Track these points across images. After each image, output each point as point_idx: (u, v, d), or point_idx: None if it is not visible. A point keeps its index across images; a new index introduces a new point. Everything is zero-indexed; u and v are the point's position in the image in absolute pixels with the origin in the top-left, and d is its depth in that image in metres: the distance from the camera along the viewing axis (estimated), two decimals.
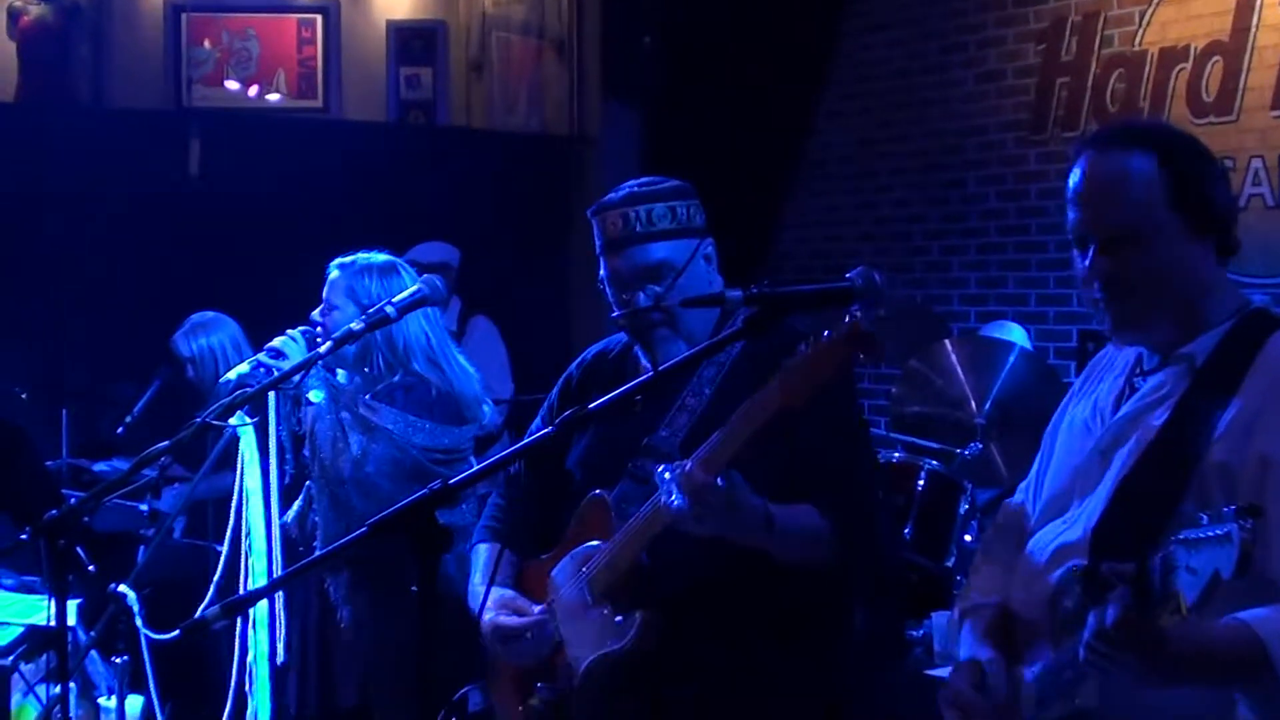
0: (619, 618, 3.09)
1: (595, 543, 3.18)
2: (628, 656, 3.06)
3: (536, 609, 3.28)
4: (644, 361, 3.36)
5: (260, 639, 4.14)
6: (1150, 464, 2.44)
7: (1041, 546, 2.56)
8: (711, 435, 2.82)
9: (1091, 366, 2.78)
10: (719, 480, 2.79)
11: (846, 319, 2.58)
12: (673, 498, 2.81)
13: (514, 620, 3.28)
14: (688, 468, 2.81)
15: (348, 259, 4.47)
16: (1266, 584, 2.22)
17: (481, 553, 3.55)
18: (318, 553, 2.68)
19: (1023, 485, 2.83)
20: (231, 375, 4.22)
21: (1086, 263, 2.52)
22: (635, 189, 3.43)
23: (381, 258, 4.48)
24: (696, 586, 3.07)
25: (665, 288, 3.23)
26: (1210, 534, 2.00)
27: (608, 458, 3.30)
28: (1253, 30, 6.22)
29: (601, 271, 3.39)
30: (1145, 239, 2.47)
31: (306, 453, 4.30)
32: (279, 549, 4.20)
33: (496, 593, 3.34)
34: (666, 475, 2.84)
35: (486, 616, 3.29)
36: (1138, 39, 6.70)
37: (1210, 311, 2.51)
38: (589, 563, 3.17)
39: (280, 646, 4.19)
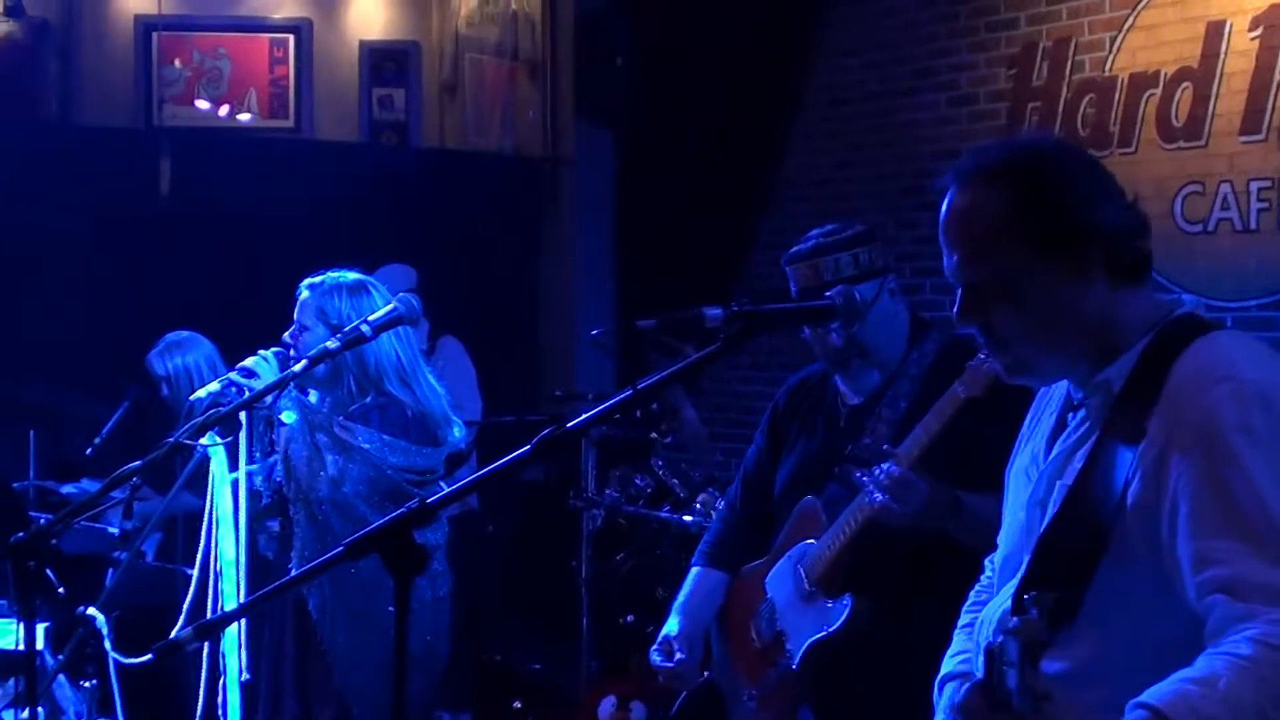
0: (830, 604, 3.53)
1: (810, 542, 3.64)
2: (841, 638, 3.48)
3: (676, 657, 3.82)
4: (843, 388, 3.78)
5: (231, 660, 4.11)
6: (1068, 515, 2.25)
7: (990, 614, 2.42)
8: (906, 437, 3.31)
9: (1037, 402, 2.56)
10: (914, 476, 3.25)
11: None
12: (875, 495, 3.28)
13: (659, 662, 3.86)
14: (886, 467, 3.27)
15: (317, 279, 4.45)
16: (1196, 620, 2.10)
17: (690, 577, 4.04)
18: (294, 573, 2.67)
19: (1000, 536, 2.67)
20: (202, 393, 4.21)
21: (954, 313, 2.34)
22: (820, 240, 3.71)
23: (352, 277, 4.46)
24: (897, 571, 3.46)
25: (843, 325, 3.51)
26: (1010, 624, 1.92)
27: (812, 471, 3.75)
28: (1221, 57, 6.24)
29: None
30: (1004, 286, 2.27)
31: (280, 475, 4.27)
32: (244, 571, 4.17)
33: (675, 622, 3.90)
34: (865, 478, 3.32)
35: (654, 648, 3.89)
36: (1108, 64, 6.72)
37: (1123, 334, 2.29)
38: (804, 559, 3.64)
39: (243, 664, 4.16)
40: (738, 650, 3.90)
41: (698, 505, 6.09)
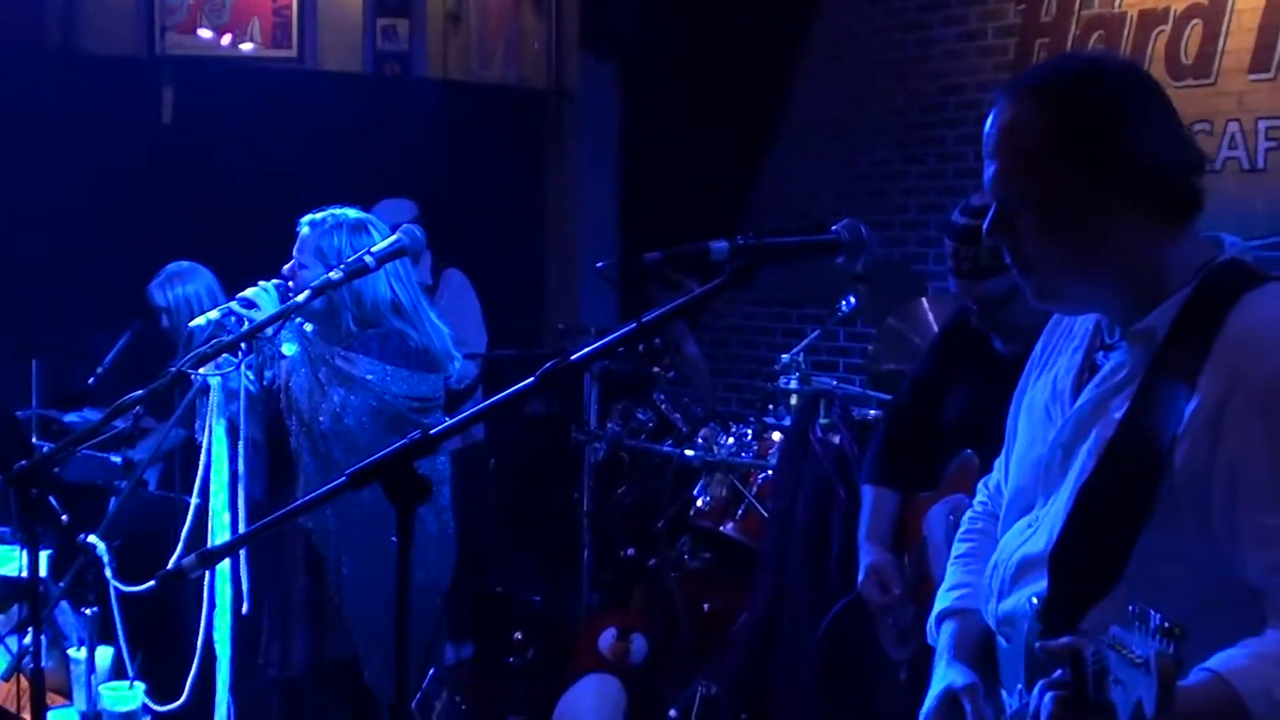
0: None
1: (963, 496, 3.59)
2: None
3: (894, 592, 3.89)
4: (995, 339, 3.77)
5: (223, 591, 4.12)
6: (1111, 469, 2.15)
7: (1007, 556, 2.34)
8: None
9: (1049, 332, 2.49)
10: None
11: None
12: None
13: (878, 597, 3.91)
14: None
15: (319, 215, 4.42)
16: (1251, 592, 2.05)
17: (867, 495, 4.09)
18: (297, 501, 2.67)
19: (998, 462, 2.64)
20: (201, 321, 4.19)
21: (985, 228, 2.26)
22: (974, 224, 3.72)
23: (353, 215, 4.43)
24: None
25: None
26: (1134, 653, 1.78)
27: (974, 421, 3.75)
28: None
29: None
30: (1038, 206, 2.18)
31: (283, 405, 4.27)
32: (243, 501, 4.17)
33: (872, 552, 3.97)
34: None
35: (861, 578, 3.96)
36: (1117, 1, 6.68)
37: (1166, 277, 2.18)
38: (958, 512, 3.51)
39: (245, 598, 4.17)
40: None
41: (699, 440, 6.09)
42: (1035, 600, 2.02)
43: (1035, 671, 2.05)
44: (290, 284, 4.31)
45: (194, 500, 4.14)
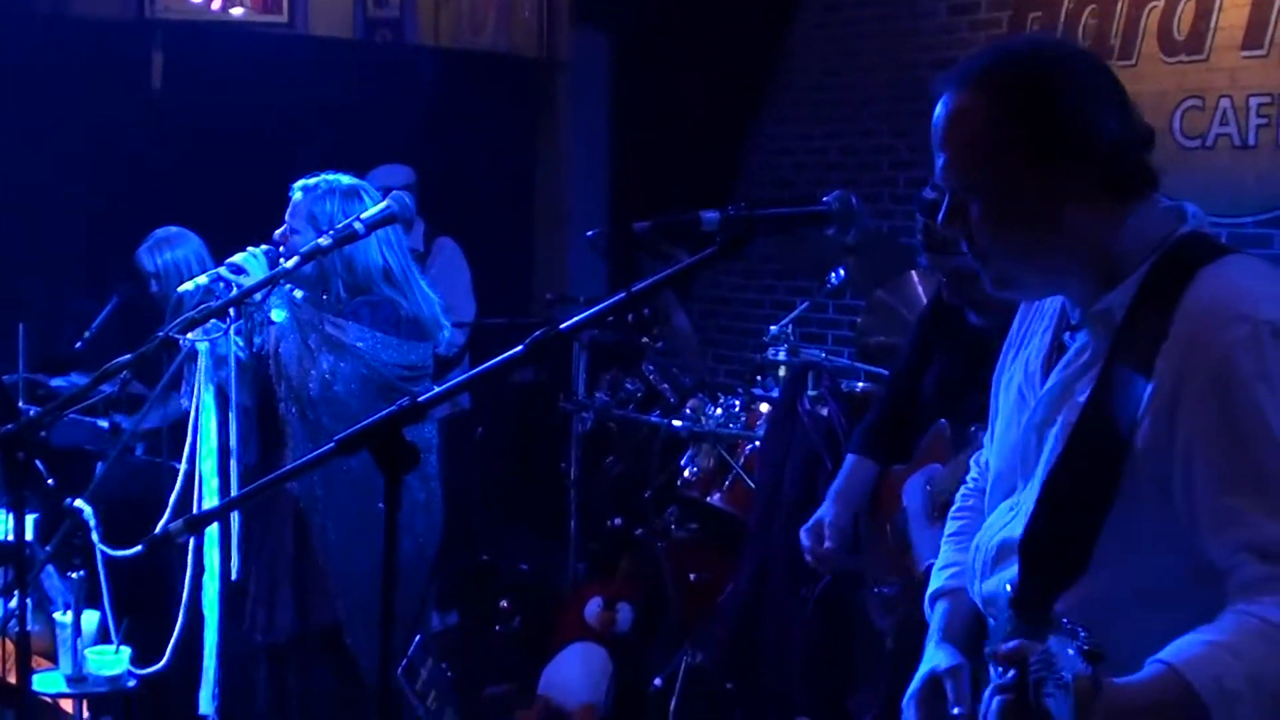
0: None
1: (937, 465, 3.78)
2: None
3: (825, 545, 4.01)
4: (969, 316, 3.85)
5: (211, 556, 4.12)
6: (1076, 454, 2.14)
7: (988, 538, 2.34)
8: None
9: (1024, 311, 2.47)
10: None
11: None
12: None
13: (808, 544, 4.05)
14: None
15: (311, 181, 4.41)
16: (1214, 572, 2.04)
17: (847, 461, 4.20)
18: (285, 467, 2.68)
19: (986, 438, 2.61)
20: (189, 286, 4.18)
21: (939, 220, 2.24)
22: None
23: (346, 181, 4.42)
24: None
25: None
26: (1061, 673, 1.80)
27: (951, 390, 3.86)
28: None
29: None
30: (990, 197, 2.16)
31: (271, 371, 4.26)
32: (235, 468, 4.17)
33: (829, 507, 4.08)
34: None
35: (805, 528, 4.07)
36: None
37: (1123, 256, 2.16)
38: (932, 481, 3.77)
39: (234, 564, 4.18)
40: (879, 543, 4.10)
41: (687, 410, 6.10)
42: (1009, 587, 2.02)
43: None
44: (281, 249, 4.30)
45: (182, 466, 4.13)
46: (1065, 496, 2.15)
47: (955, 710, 2.13)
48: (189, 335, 3.89)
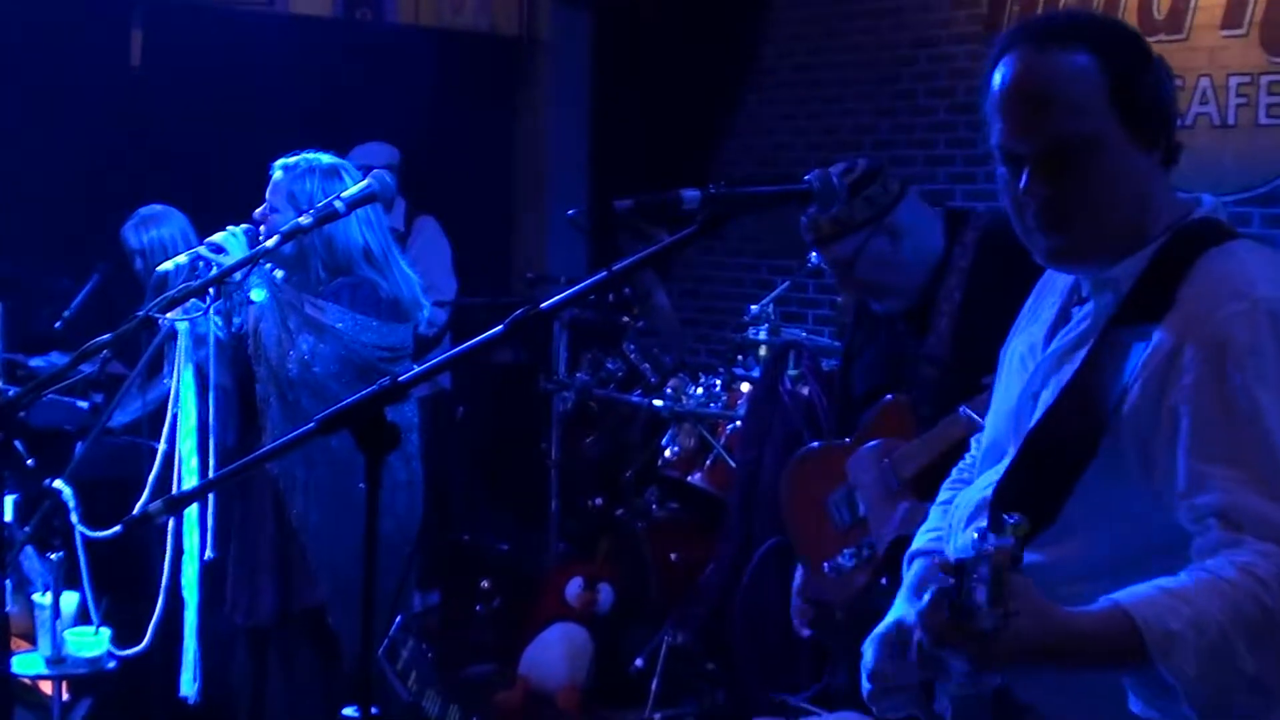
0: (921, 506, 3.62)
1: (896, 440, 3.74)
2: None
3: None
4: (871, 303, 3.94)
5: (190, 537, 4.11)
6: (1060, 414, 2.18)
7: (967, 499, 2.39)
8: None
9: (1039, 288, 2.50)
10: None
11: None
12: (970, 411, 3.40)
13: None
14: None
15: (292, 160, 4.40)
16: (1181, 530, 2.08)
17: None
18: (265, 447, 2.67)
19: (988, 418, 2.62)
20: (169, 266, 4.17)
21: (1022, 185, 2.20)
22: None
23: (327, 160, 4.41)
24: None
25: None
26: (984, 552, 1.85)
27: (885, 366, 3.91)
28: None
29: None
30: (1088, 154, 2.16)
31: (250, 351, 4.25)
32: (213, 448, 4.16)
33: None
34: (967, 411, 3.42)
35: None
36: None
37: (1148, 228, 2.22)
38: (891, 455, 3.73)
39: (209, 543, 4.16)
40: (814, 523, 4.04)
41: (668, 390, 6.10)
42: (976, 534, 2.05)
43: None
44: (260, 229, 4.28)
45: (161, 446, 4.12)
46: (1043, 453, 2.18)
47: (913, 658, 2.15)
48: (168, 315, 3.87)
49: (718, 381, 5.99)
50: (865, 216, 3.73)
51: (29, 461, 4.54)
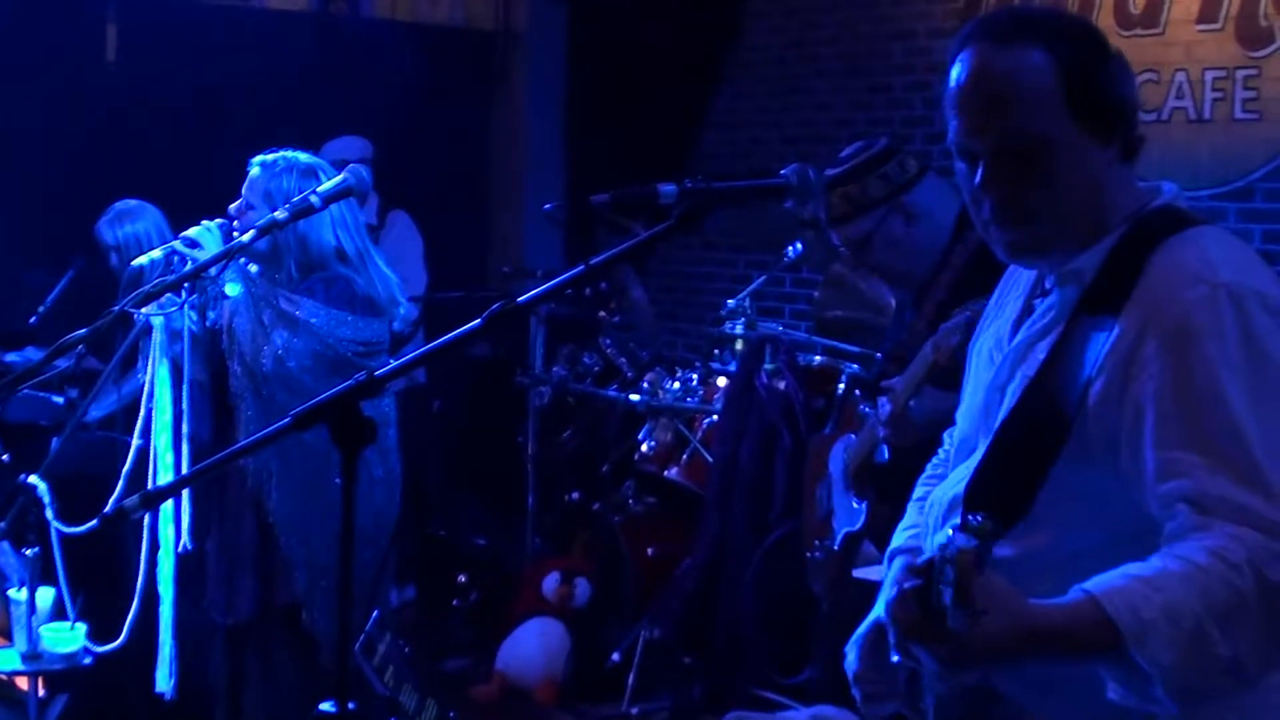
0: (856, 503, 3.85)
1: (851, 436, 3.90)
2: (863, 535, 3.82)
3: None
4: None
5: (166, 532, 4.10)
6: (1028, 407, 2.19)
7: (942, 495, 2.39)
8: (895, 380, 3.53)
9: (1003, 282, 2.51)
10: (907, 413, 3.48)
11: None
12: (878, 429, 3.56)
13: None
14: (884, 407, 3.52)
15: (270, 157, 4.37)
16: (1152, 518, 2.08)
17: None
18: (241, 443, 2.67)
19: (959, 414, 2.63)
20: (143, 260, 4.16)
21: (976, 181, 2.21)
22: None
23: (305, 159, 4.38)
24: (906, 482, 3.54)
25: None
26: (949, 556, 1.87)
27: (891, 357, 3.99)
28: None
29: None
30: (1043, 153, 2.17)
31: (225, 346, 4.23)
32: (187, 443, 4.14)
33: None
34: (869, 410, 3.64)
35: None
36: None
37: (1107, 220, 2.22)
38: (848, 450, 3.90)
39: (184, 534, 4.15)
40: (810, 510, 4.22)
41: (645, 385, 6.11)
42: (951, 531, 2.06)
43: None
44: (235, 224, 4.27)
45: (135, 441, 4.11)
46: (1013, 446, 2.19)
47: (895, 657, 2.15)
48: (143, 310, 3.85)
49: (694, 376, 6.00)
50: (880, 194, 3.76)
51: (4, 457, 4.53)
